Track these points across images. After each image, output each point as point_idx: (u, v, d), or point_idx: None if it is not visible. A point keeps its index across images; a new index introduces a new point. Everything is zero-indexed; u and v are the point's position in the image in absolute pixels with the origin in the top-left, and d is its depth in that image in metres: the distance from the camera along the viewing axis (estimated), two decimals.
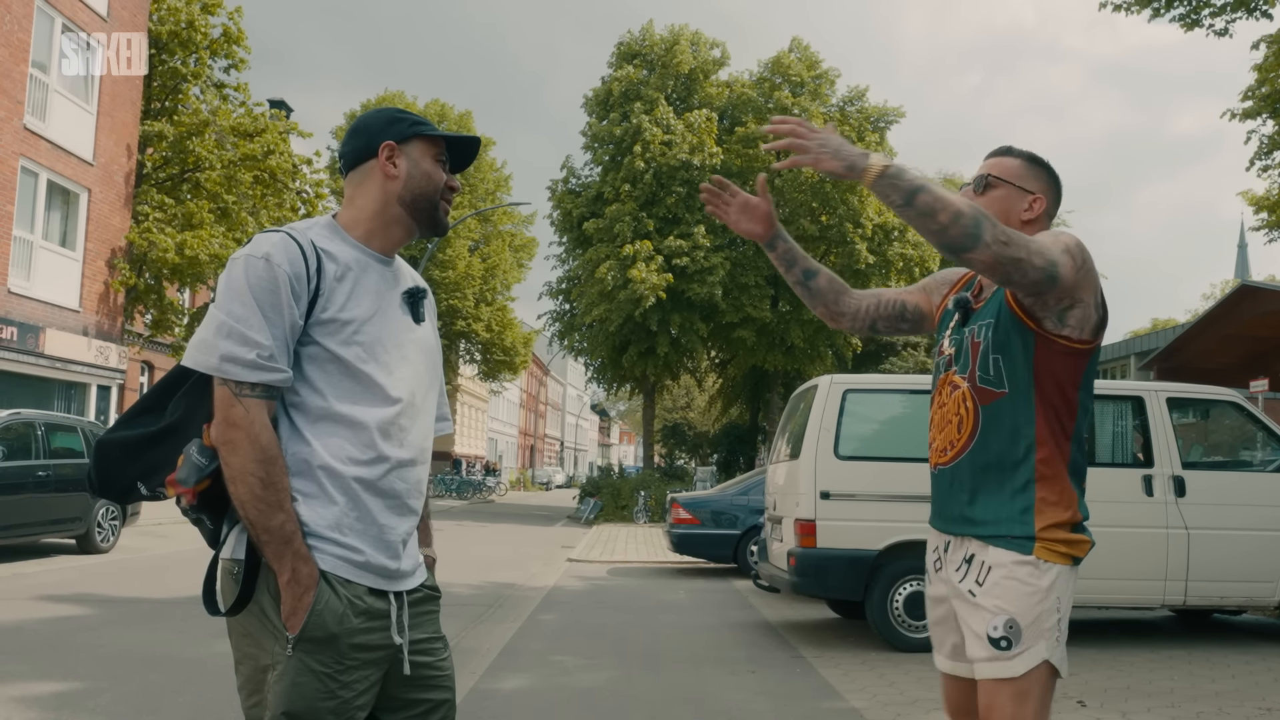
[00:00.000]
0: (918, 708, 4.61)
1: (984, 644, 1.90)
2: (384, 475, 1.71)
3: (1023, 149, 2.14)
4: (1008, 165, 2.10)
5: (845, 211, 25.48)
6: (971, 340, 2.02)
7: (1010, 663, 1.87)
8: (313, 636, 1.60)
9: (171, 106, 19.84)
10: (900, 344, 28.78)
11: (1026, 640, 1.87)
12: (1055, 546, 1.91)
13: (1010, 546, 1.92)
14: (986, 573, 1.93)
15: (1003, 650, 1.88)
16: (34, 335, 15.90)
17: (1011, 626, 1.88)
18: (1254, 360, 16.43)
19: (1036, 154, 2.12)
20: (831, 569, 6.24)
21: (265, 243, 1.67)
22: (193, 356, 1.64)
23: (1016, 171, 2.09)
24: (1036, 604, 1.89)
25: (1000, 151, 2.15)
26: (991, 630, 1.89)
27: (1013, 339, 1.94)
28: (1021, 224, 2.06)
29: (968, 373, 2.01)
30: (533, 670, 5.41)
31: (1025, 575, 1.89)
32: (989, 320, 1.99)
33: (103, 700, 4.38)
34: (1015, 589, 1.89)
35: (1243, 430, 6.96)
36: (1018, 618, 1.88)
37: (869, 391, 6.69)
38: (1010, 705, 1.87)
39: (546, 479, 61.56)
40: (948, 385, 2.07)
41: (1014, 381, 1.95)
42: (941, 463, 2.08)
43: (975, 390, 1.99)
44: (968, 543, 2.00)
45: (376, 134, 1.79)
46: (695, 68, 28.18)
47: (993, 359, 1.97)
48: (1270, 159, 15.29)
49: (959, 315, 2.11)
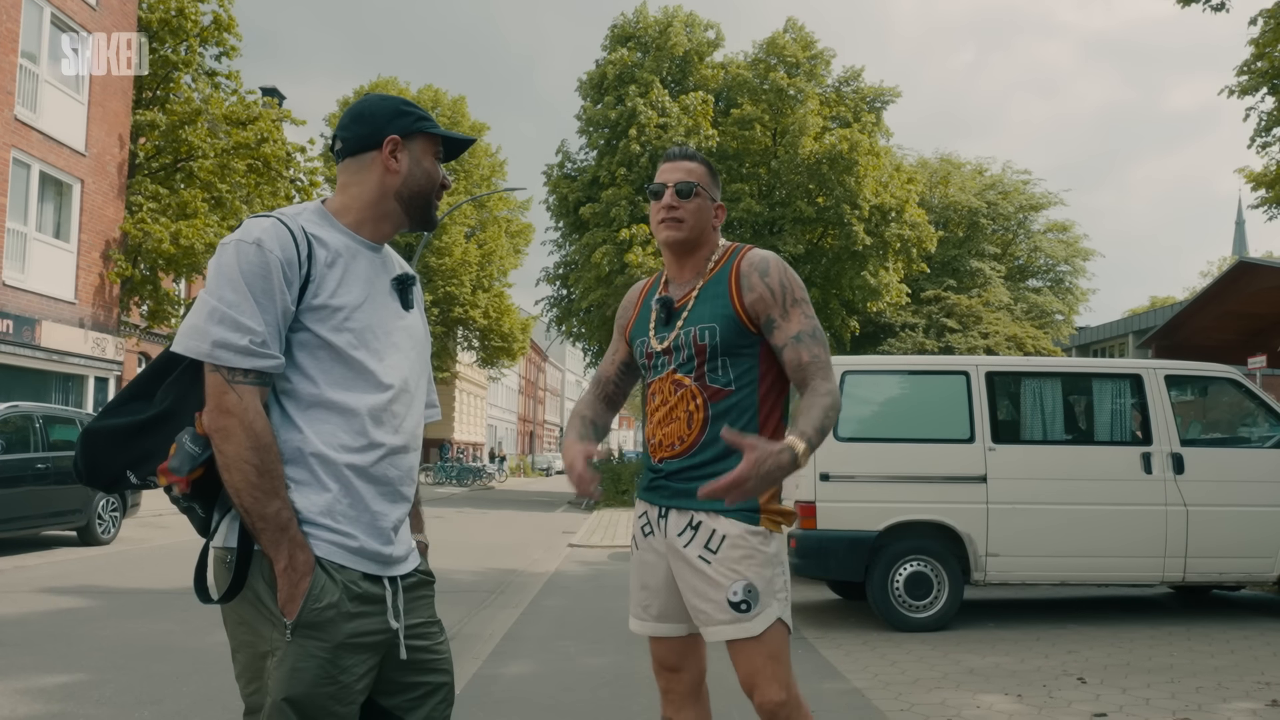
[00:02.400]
0: (919, 686, 4.63)
1: (723, 607, 2.09)
2: (376, 462, 1.70)
3: (694, 150, 2.32)
4: (700, 171, 2.28)
5: (842, 193, 25.37)
6: (694, 341, 2.19)
7: (750, 624, 2.09)
8: (310, 622, 1.60)
9: (163, 95, 19.72)
10: (899, 325, 28.77)
11: (762, 603, 2.10)
12: (774, 517, 2.15)
13: (740, 518, 2.12)
14: (720, 541, 2.12)
15: (743, 613, 2.09)
16: (30, 328, 15.86)
17: (750, 590, 2.09)
18: (1252, 337, 16.45)
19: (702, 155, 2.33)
20: (832, 550, 6.26)
21: (256, 228, 1.65)
22: (183, 343, 1.62)
23: (706, 179, 2.28)
24: (768, 570, 2.11)
25: (683, 155, 2.30)
26: (732, 594, 2.09)
27: (740, 343, 2.17)
28: (711, 229, 2.29)
29: (694, 372, 2.19)
30: (535, 655, 5.42)
31: (757, 544, 2.11)
32: (711, 325, 2.18)
33: (107, 691, 4.39)
34: (750, 557, 2.10)
35: (1241, 407, 6.97)
36: (755, 583, 2.09)
37: (867, 373, 6.68)
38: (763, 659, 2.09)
39: (546, 465, 61.59)
40: (670, 383, 2.22)
41: (741, 380, 2.18)
42: (668, 456, 2.23)
43: (704, 388, 2.18)
44: (690, 513, 2.17)
45: (382, 125, 1.77)
46: (690, 50, 28.01)
47: (721, 361, 2.17)
48: (1270, 135, 15.24)
49: (664, 314, 2.27)
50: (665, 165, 2.30)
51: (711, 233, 2.29)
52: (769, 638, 2.09)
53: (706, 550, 2.12)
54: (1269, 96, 14.98)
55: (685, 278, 2.29)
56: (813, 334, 2.15)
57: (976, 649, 5.61)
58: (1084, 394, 6.79)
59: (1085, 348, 31.98)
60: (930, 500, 6.26)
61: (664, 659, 2.29)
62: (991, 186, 34.36)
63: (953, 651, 5.53)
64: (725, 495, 1.84)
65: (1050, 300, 33.86)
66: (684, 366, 2.20)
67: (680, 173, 2.27)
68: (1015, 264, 35.55)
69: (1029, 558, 6.29)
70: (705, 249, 2.29)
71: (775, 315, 2.16)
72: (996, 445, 6.33)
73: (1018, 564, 6.29)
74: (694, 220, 2.24)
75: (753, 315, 2.17)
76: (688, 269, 2.29)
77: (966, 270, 31.83)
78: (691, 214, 2.24)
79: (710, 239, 2.30)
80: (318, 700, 1.60)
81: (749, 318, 2.17)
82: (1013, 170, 35.58)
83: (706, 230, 2.27)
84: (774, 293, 2.16)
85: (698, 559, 2.12)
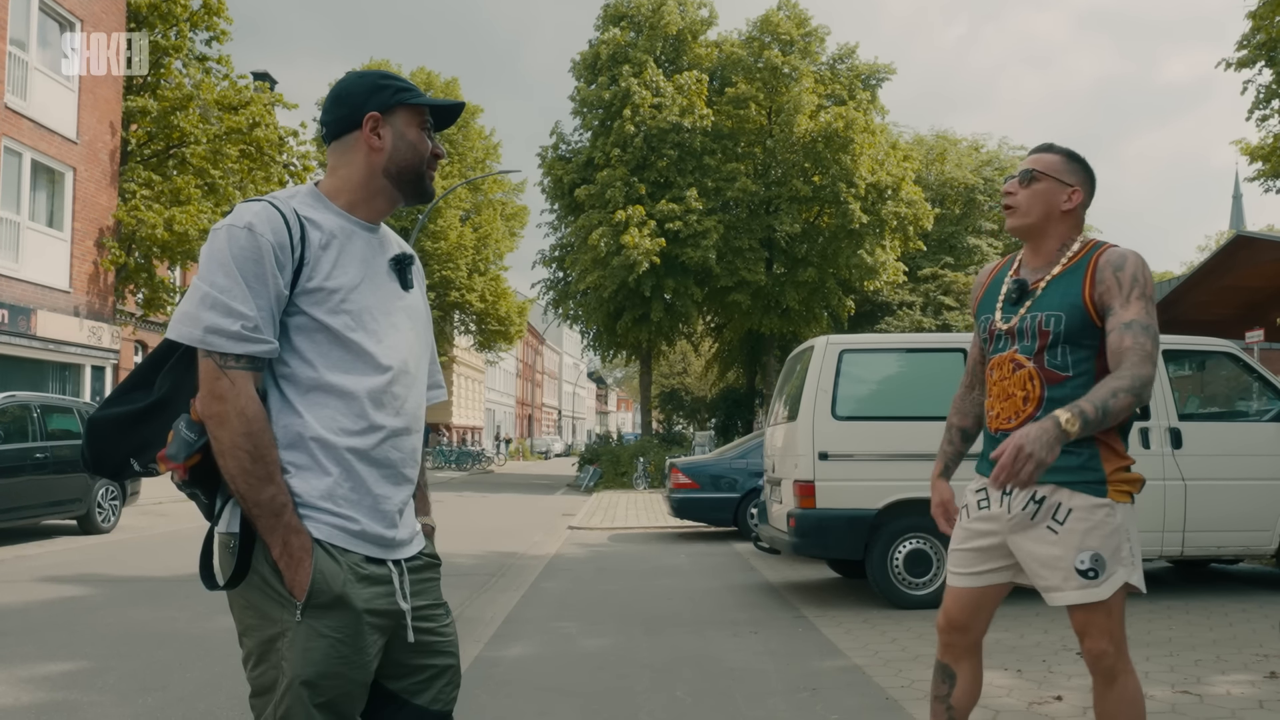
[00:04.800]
0: (919, 664, 4.65)
1: (1071, 575, 2.23)
2: (378, 444, 1.70)
3: (1062, 145, 2.42)
4: (1049, 160, 2.38)
5: (838, 171, 25.28)
6: (1039, 327, 2.31)
7: (1098, 589, 2.22)
8: (319, 603, 1.61)
9: (154, 81, 19.56)
10: (896, 304, 28.74)
11: (1110, 569, 2.22)
12: (1121, 487, 2.26)
13: (1087, 490, 2.24)
14: (1067, 513, 2.25)
15: (1091, 579, 2.22)
16: (25, 317, 15.81)
17: (1097, 559, 2.22)
18: (1250, 311, 16.44)
19: (1074, 150, 2.41)
20: (831, 529, 6.27)
21: (247, 212, 1.64)
22: (176, 329, 1.62)
23: (1057, 166, 2.38)
24: (1115, 539, 2.23)
25: (1043, 148, 2.43)
26: (1079, 563, 2.22)
27: (1084, 334, 2.27)
28: (1062, 213, 2.37)
29: (1034, 354, 2.32)
30: (536, 637, 5.44)
31: (1103, 516, 2.23)
32: (1058, 313, 2.29)
33: (110, 678, 4.40)
34: (1098, 527, 2.22)
35: (1239, 381, 6.97)
36: (1101, 551, 2.22)
37: (865, 351, 6.67)
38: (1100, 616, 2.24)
39: (545, 448, 61.69)
40: (1010, 362, 2.36)
41: (1079, 367, 2.29)
42: (1004, 428, 2.37)
43: (1042, 371, 2.31)
44: (1036, 488, 2.28)
45: (360, 104, 1.74)
46: (683, 28, 27.82)
47: (1061, 348, 2.29)
48: (1268, 108, 15.18)
49: (1015, 294, 2.40)
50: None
51: (1060, 219, 2.36)
52: (1116, 599, 2.24)
53: (1054, 521, 2.25)
54: (1266, 69, 14.91)
55: (1038, 263, 2.40)
56: (1145, 327, 2.19)
57: None
58: None
59: None
60: (929, 478, 6.25)
61: (956, 614, 2.45)
62: (988, 163, 34.26)
63: None
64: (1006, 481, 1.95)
65: None
66: (1026, 348, 2.33)
67: (1028, 163, 2.40)
68: (1012, 241, 35.50)
69: None
70: (1056, 237, 2.38)
71: (1116, 304, 2.24)
72: None
73: None
74: (1028, 205, 2.36)
75: (1099, 307, 2.26)
76: (1040, 254, 2.40)
77: (964, 247, 31.79)
78: (1026, 199, 2.36)
79: (1059, 226, 2.37)
80: (329, 680, 1.61)
81: (1096, 310, 2.26)
82: (1009, 146, 35.50)
83: (1052, 216, 2.36)
84: (1122, 284, 2.25)
85: (1046, 529, 2.26)
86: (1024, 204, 2.38)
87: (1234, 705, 3.87)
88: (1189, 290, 17.53)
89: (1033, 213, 2.37)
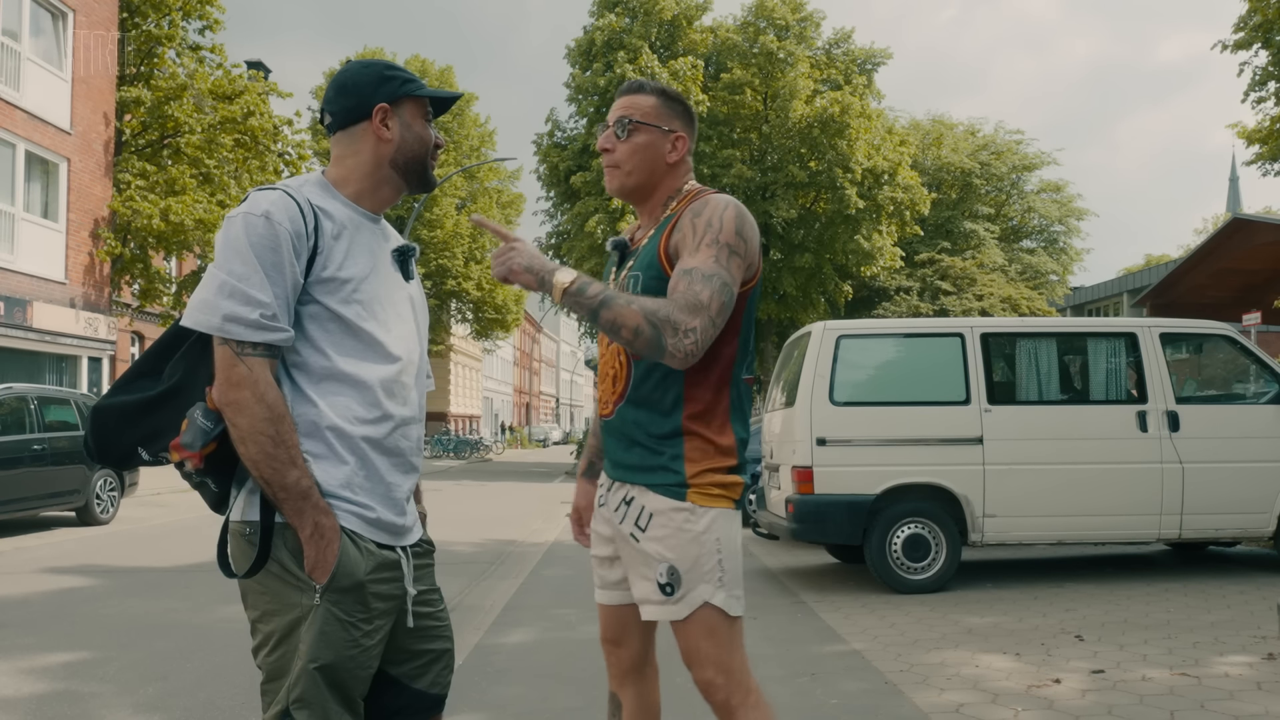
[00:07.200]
0: (918, 648, 4.67)
1: (653, 588, 1.92)
2: (390, 433, 1.72)
3: (654, 83, 2.05)
4: (646, 105, 2.01)
5: (834, 157, 25.21)
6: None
7: (675, 606, 1.90)
8: (339, 586, 1.62)
9: (148, 71, 19.46)
10: (893, 289, 28.73)
11: (687, 585, 1.89)
12: (710, 490, 1.91)
13: (666, 493, 1.91)
14: (648, 519, 1.93)
15: (668, 595, 1.90)
16: (21, 309, 15.77)
17: (673, 572, 1.89)
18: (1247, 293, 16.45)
19: (667, 87, 2.05)
20: (830, 514, 6.28)
21: (264, 200, 1.64)
22: (194, 317, 1.61)
23: (655, 110, 2.01)
24: (695, 549, 1.89)
25: (632, 89, 2.04)
26: (658, 577, 1.91)
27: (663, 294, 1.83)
28: (668, 165, 2.01)
29: None
30: (536, 624, 5.46)
31: (682, 521, 1.89)
32: (637, 273, 1.93)
33: (111, 669, 4.41)
34: (674, 535, 1.90)
35: (1235, 364, 6.98)
36: (677, 564, 1.89)
37: (862, 337, 6.67)
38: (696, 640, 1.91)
39: (543, 436, 61.73)
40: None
41: None
42: (605, 415, 2.04)
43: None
44: (626, 487, 1.98)
45: (369, 95, 1.76)
46: (678, 14, 27.66)
47: None
48: (1265, 90, 15.15)
49: (617, 258, 2.07)
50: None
51: (666, 171, 2.01)
52: (699, 620, 1.89)
53: (637, 528, 1.94)
54: (1263, 51, 14.87)
55: (645, 222, 2.05)
56: (708, 276, 1.79)
57: (975, 609, 5.66)
58: (1079, 354, 6.80)
59: (1080, 308, 32.00)
60: (927, 463, 6.28)
61: (605, 630, 2.14)
62: (984, 147, 34.22)
63: (951, 612, 5.58)
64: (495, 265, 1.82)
65: (1045, 261, 33.84)
66: None
67: (621, 108, 2.01)
68: (1009, 225, 35.50)
69: (1026, 518, 6.33)
70: (664, 191, 2.02)
71: (685, 252, 1.85)
72: (992, 406, 6.34)
73: (1015, 524, 6.33)
74: (630, 161, 1.98)
75: (672, 259, 1.88)
76: (645, 212, 2.05)
77: (960, 232, 31.77)
78: (627, 155, 1.98)
79: (666, 179, 2.01)
80: (344, 664, 1.62)
81: (670, 264, 1.88)
82: (1005, 130, 35.46)
83: (658, 171, 2.00)
84: (696, 230, 1.86)
85: (630, 536, 1.95)
86: (625, 160, 1.99)
87: (1232, 687, 3.89)
88: (1186, 273, 17.55)
89: (637, 170, 1.99)
